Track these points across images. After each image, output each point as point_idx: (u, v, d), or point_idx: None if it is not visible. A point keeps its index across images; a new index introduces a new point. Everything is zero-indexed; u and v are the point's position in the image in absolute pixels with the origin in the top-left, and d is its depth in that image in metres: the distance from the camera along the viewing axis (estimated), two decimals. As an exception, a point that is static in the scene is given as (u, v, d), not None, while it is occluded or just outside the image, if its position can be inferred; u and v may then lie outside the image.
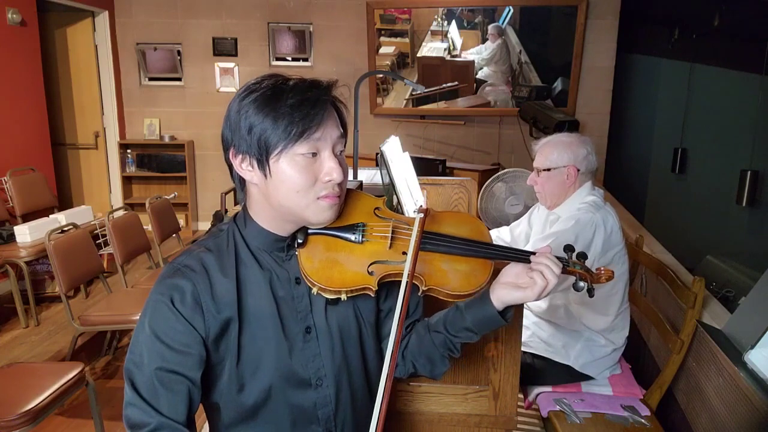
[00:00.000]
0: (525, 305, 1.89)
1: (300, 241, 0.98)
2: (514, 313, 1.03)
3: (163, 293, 0.93)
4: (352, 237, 0.99)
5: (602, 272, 1.01)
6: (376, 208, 1.04)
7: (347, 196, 1.03)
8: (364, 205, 1.04)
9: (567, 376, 1.92)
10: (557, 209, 1.95)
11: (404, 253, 0.96)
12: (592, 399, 1.86)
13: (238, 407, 0.99)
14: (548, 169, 1.91)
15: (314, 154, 0.91)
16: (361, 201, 1.04)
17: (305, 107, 0.88)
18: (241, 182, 0.98)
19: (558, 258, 0.97)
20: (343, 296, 0.95)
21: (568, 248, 1.02)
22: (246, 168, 0.93)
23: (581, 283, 0.99)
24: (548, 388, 1.93)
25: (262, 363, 0.97)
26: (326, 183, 0.92)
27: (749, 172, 3.14)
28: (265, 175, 0.91)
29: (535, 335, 1.96)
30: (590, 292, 1.00)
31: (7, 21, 3.90)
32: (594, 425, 1.73)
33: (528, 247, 1.89)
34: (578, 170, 1.88)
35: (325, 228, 0.99)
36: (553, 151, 1.91)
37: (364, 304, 1.05)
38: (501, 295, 0.98)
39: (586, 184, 1.92)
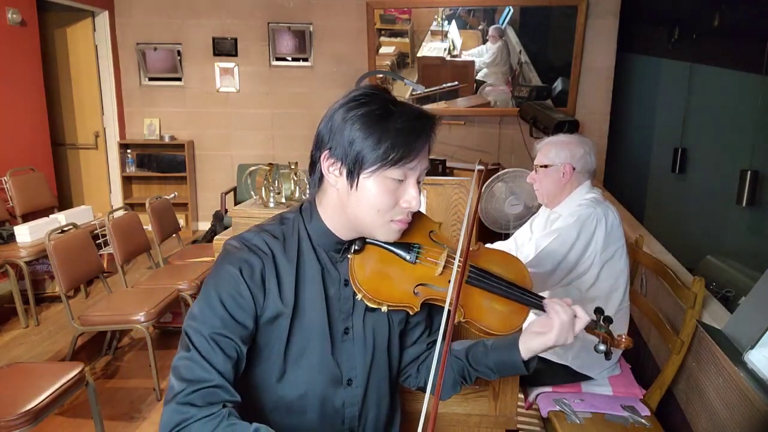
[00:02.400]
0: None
1: (357, 248, 1.01)
2: (536, 365, 1.06)
3: (234, 264, 0.95)
4: (407, 256, 1.02)
5: (623, 339, 1.06)
6: (431, 232, 1.07)
7: None
8: (422, 226, 1.06)
9: (566, 376, 1.92)
10: (558, 208, 1.97)
11: (450, 282, 0.98)
12: (592, 399, 1.86)
13: (273, 396, 1.02)
14: (545, 166, 1.94)
15: (401, 180, 0.94)
16: (419, 221, 1.06)
17: (409, 136, 0.91)
18: (319, 180, 1.00)
19: (590, 316, 1.03)
20: (384, 308, 0.99)
21: (598, 311, 1.07)
22: (333, 172, 0.95)
23: (602, 346, 1.04)
24: (548, 389, 1.93)
25: (305, 355, 1.01)
26: (404, 208, 0.95)
27: (749, 172, 3.14)
28: (351, 186, 0.94)
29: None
30: (607, 356, 1.05)
31: (7, 21, 3.89)
32: (594, 425, 1.73)
33: (531, 244, 1.91)
34: (574, 168, 1.91)
35: (382, 241, 1.02)
36: (552, 149, 1.95)
37: (396, 314, 1.09)
38: (527, 341, 1.02)
39: (584, 183, 1.94)
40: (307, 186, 1.86)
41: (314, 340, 1.00)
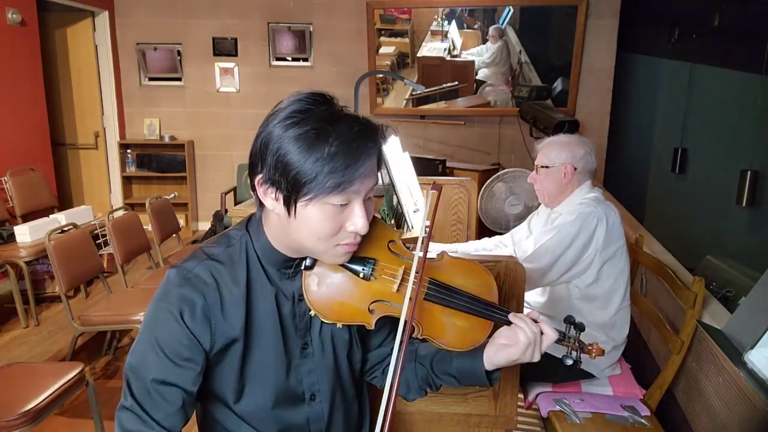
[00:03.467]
0: (525, 301, 1.90)
1: (308, 264, 0.96)
2: (499, 377, 1.04)
3: (173, 304, 0.90)
4: (361, 273, 0.96)
5: (593, 348, 1.03)
6: (391, 242, 1.00)
7: None
8: (379, 237, 0.99)
9: (567, 373, 1.92)
10: (558, 207, 1.97)
11: (411, 300, 0.92)
12: (592, 399, 1.86)
13: (233, 417, 0.99)
14: (546, 167, 1.95)
15: (344, 204, 0.87)
16: (376, 231, 0.99)
17: (348, 158, 0.83)
18: (260, 203, 0.93)
19: (557, 330, 1.00)
20: (339, 325, 0.97)
21: (568, 319, 1.04)
22: (270, 197, 0.88)
23: (569, 361, 1.02)
24: (548, 388, 1.93)
25: (262, 378, 0.97)
26: (350, 232, 0.89)
27: (749, 172, 3.14)
28: (290, 215, 0.87)
29: (536, 333, 1.96)
30: (576, 364, 1.02)
31: (7, 21, 3.89)
32: (594, 425, 1.73)
33: (529, 242, 1.91)
34: (575, 169, 1.91)
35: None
36: (552, 150, 1.95)
37: None
38: (490, 355, 0.99)
39: (585, 183, 1.95)
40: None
41: (269, 363, 0.97)
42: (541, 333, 0.97)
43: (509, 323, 0.98)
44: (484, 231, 3.08)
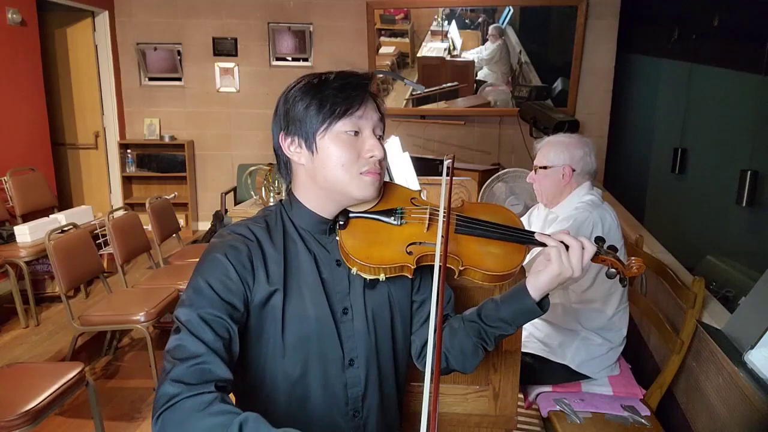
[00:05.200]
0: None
1: (342, 222, 1.03)
2: (549, 301, 1.05)
3: (220, 251, 0.97)
4: (391, 220, 1.04)
5: (633, 263, 1.03)
6: (413, 198, 1.10)
7: (385, 186, 1.08)
8: (401, 194, 1.10)
9: (564, 375, 1.92)
10: (556, 208, 1.97)
11: (443, 237, 0.96)
12: (592, 399, 1.86)
13: (276, 378, 1.02)
14: (545, 167, 1.94)
15: (356, 133, 0.99)
16: (398, 190, 1.11)
17: (348, 89, 0.98)
18: (288, 168, 1.06)
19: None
20: (382, 276, 0.99)
21: (599, 239, 1.05)
22: (295, 150, 1.01)
23: (612, 270, 1.02)
24: (548, 388, 1.93)
25: (304, 337, 1.01)
26: (368, 159, 0.99)
27: (749, 172, 3.13)
28: (312, 152, 0.99)
29: (532, 335, 1.96)
30: (623, 282, 1.03)
31: (7, 21, 3.89)
32: (594, 425, 1.73)
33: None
34: (573, 170, 1.90)
35: (365, 212, 1.05)
36: (551, 150, 1.94)
37: (398, 292, 1.10)
38: (533, 283, 1.01)
39: (584, 184, 1.94)
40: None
41: (312, 322, 1.01)
42: (582, 247, 0.99)
43: (539, 243, 1.01)
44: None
